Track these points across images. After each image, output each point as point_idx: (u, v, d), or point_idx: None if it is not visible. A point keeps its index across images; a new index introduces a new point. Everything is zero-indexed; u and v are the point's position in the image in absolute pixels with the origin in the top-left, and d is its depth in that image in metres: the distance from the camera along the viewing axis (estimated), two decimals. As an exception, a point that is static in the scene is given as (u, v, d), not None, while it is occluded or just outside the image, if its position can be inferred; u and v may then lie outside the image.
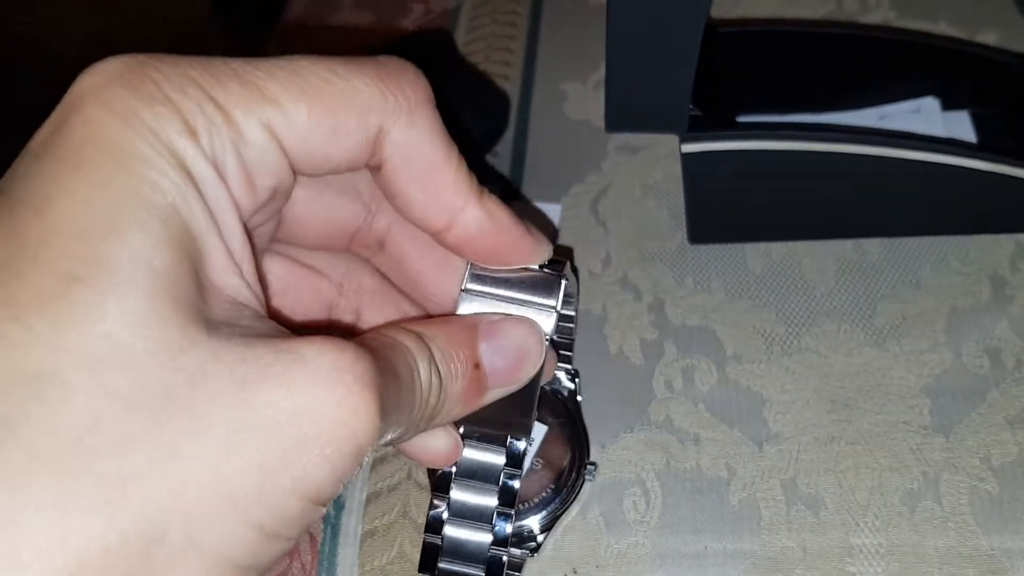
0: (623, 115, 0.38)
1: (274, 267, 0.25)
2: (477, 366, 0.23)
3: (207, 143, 0.18)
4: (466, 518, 0.26)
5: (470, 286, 0.25)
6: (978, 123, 0.44)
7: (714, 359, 0.38)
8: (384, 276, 0.27)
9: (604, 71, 0.37)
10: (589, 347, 0.39)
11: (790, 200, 0.41)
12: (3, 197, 0.17)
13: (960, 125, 0.44)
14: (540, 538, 0.33)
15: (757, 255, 0.42)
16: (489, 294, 0.25)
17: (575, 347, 0.36)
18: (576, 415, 0.36)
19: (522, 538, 0.33)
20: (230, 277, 0.19)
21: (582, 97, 0.51)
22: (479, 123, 0.46)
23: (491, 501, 0.26)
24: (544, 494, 0.34)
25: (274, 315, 0.22)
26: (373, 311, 0.26)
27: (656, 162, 0.47)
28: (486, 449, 0.26)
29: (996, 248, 0.40)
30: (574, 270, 0.30)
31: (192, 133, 0.18)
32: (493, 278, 0.25)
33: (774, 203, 0.41)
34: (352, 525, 0.35)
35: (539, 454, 0.34)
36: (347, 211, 0.25)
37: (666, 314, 0.40)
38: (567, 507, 0.33)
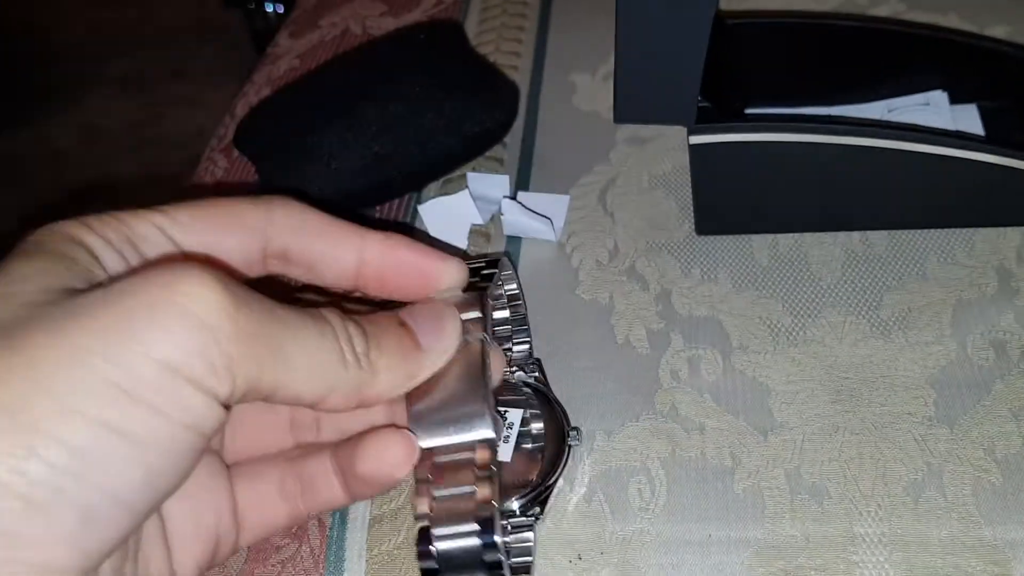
0: (632, 106, 0.38)
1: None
2: (403, 324, 0.26)
3: (101, 232, 0.24)
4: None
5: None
6: (986, 116, 0.44)
7: (720, 349, 0.38)
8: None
9: (613, 62, 0.37)
10: (596, 336, 0.40)
11: (797, 192, 0.41)
12: None
13: (968, 118, 0.44)
14: (535, 509, 0.34)
15: (764, 246, 0.42)
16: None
17: (581, 336, 0.36)
18: (545, 391, 0.37)
19: (523, 509, 0.33)
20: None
21: (591, 88, 0.51)
22: (489, 114, 0.46)
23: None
24: (535, 469, 0.34)
25: None
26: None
27: (664, 153, 0.47)
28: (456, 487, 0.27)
29: (1002, 241, 0.41)
30: (513, 265, 0.32)
31: (90, 229, 0.23)
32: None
33: (781, 195, 0.41)
34: (360, 510, 0.35)
35: (519, 436, 0.35)
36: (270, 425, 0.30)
37: (673, 304, 0.40)
38: (558, 474, 0.34)
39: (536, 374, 0.38)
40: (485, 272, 0.31)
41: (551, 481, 0.34)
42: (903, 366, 0.37)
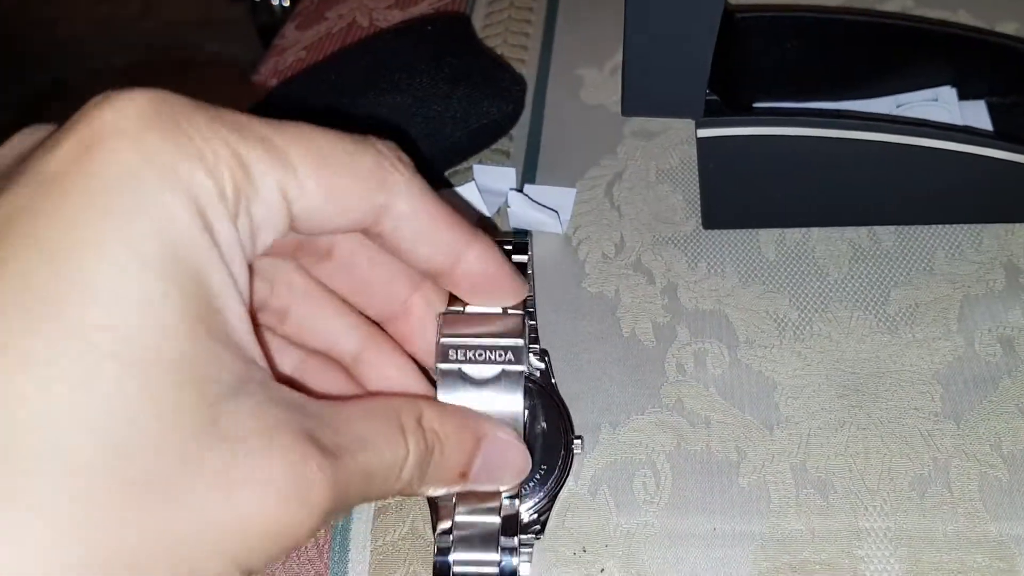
0: (639, 100, 0.38)
1: None
2: (463, 474, 0.25)
3: (232, 205, 0.19)
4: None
5: (445, 337, 0.26)
6: (995, 112, 0.44)
7: (726, 343, 0.38)
8: (313, 279, 0.27)
9: (620, 56, 0.37)
10: (602, 330, 0.40)
11: (805, 186, 0.41)
12: (15, 227, 0.17)
13: (977, 114, 0.44)
14: (535, 527, 0.33)
15: (771, 241, 0.42)
16: (463, 340, 0.26)
17: (586, 329, 0.36)
18: (552, 394, 0.36)
19: (525, 523, 0.33)
20: (244, 337, 0.20)
21: (598, 82, 0.51)
22: (496, 106, 0.46)
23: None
24: (537, 476, 0.34)
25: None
26: (302, 311, 0.27)
27: (671, 147, 0.47)
28: (479, 513, 0.27)
29: (1010, 237, 0.40)
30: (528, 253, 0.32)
31: (222, 196, 0.18)
32: (464, 322, 0.27)
33: (789, 189, 0.41)
34: (365, 501, 0.35)
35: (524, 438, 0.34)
36: None
37: (679, 298, 0.40)
38: (561, 486, 0.33)
39: (543, 366, 0.37)
40: (514, 258, 0.30)
41: (555, 493, 0.33)
42: (910, 361, 0.37)
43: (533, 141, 0.49)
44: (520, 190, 0.45)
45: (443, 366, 0.26)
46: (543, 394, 0.36)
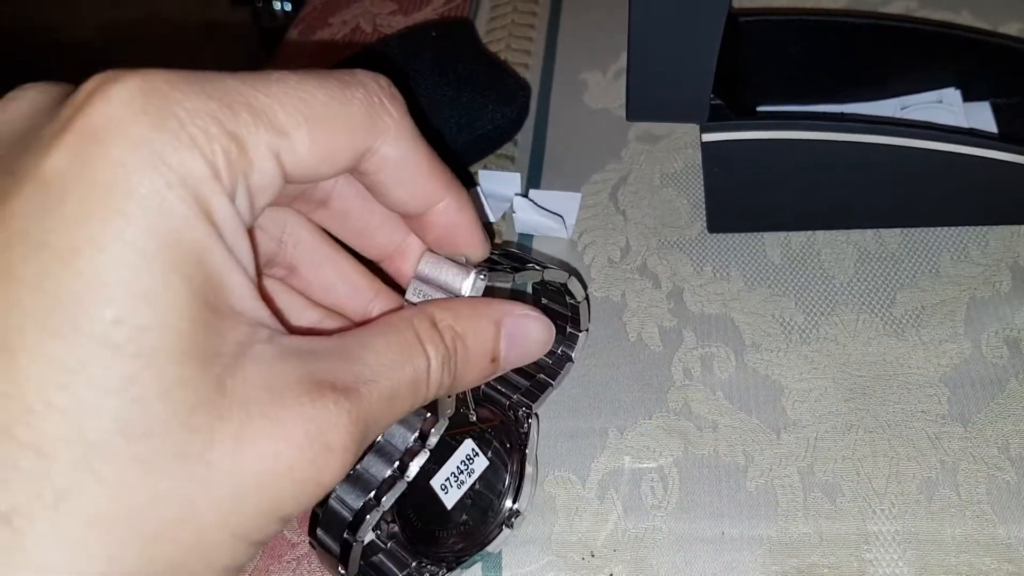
0: (644, 105, 0.38)
1: None
2: (494, 360, 0.25)
3: (227, 182, 0.19)
4: None
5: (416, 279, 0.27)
6: (1000, 114, 0.44)
7: (732, 347, 0.38)
8: (321, 231, 0.28)
9: (624, 60, 0.37)
10: (608, 334, 0.40)
11: (809, 190, 0.41)
12: (20, 235, 0.17)
13: (982, 116, 0.44)
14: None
15: (776, 244, 0.42)
16: (429, 288, 0.27)
17: (593, 334, 0.36)
18: (520, 457, 0.34)
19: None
20: (247, 303, 0.20)
21: (602, 86, 0.51)
22: (500, 112, 0.46)
23: None
24: (463, 527, 0.33)
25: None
26: (310, 266, 0.27)
27: (676, 151, 0.47)
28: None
29: (1016, 238, 0.40)
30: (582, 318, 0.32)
31: (216, 176, 0.19)
32: (439, 266, 0.27)
33: (793, 193, 0.41)
34: (373, 507, 0.35)
35: (472, 487, 0.33)
36: None
37: (685, 302, 0.40)
38: (478, 551, 0.33)
39: (526, 427, 0.35)
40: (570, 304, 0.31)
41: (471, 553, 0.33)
42: (916, 364, 0.37)
43: (538, 146, 0.49)
44: (525, 195, 0.45)
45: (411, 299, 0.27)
46: (515, 451, 0.34)
